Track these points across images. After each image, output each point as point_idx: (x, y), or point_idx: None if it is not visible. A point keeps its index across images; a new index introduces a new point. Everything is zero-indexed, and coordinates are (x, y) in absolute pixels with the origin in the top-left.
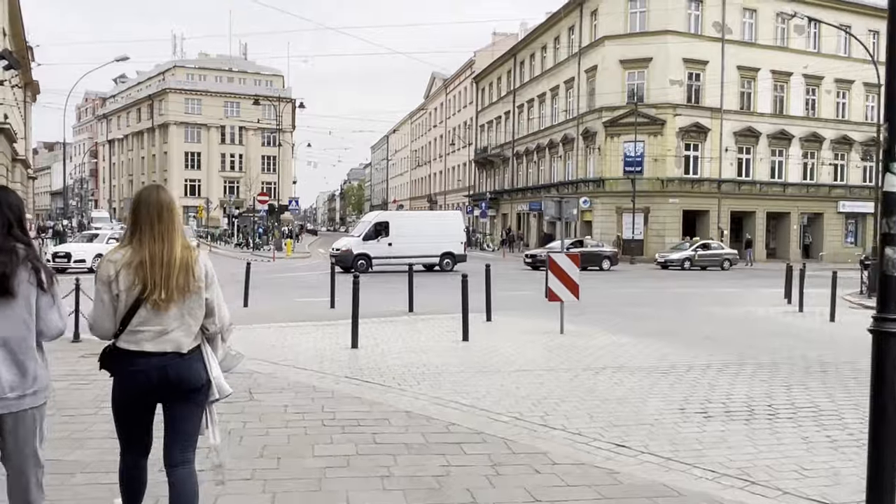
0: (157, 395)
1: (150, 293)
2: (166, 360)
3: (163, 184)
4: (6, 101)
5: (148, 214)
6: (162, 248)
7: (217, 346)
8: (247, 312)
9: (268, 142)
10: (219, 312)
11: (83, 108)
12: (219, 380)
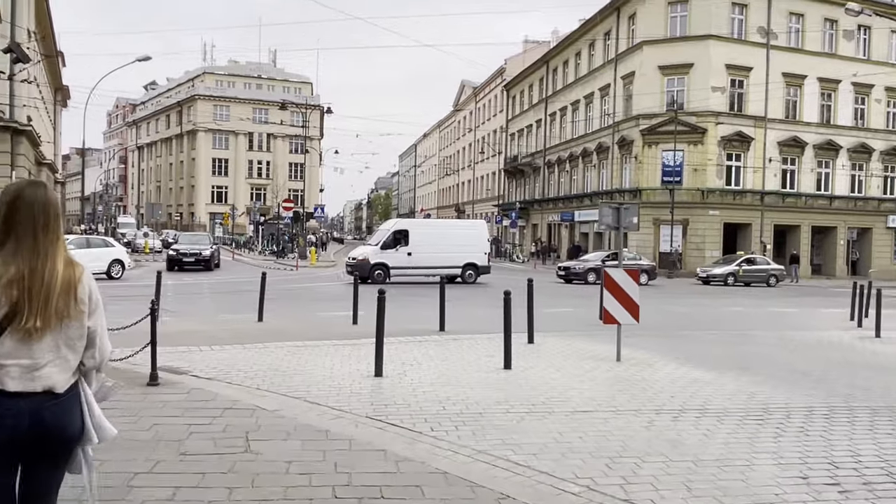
0: (22, 449)
1: (22, 319)
2: (37, 402)
3: (190, 190)
4: (29, 104)
5: (32, 219)
6: (44, 264)
7: (92, 380)
8: (260, 329)
9: (295, 149)
10: (100, 344)
11: (114, 115)
12: (99, 420)
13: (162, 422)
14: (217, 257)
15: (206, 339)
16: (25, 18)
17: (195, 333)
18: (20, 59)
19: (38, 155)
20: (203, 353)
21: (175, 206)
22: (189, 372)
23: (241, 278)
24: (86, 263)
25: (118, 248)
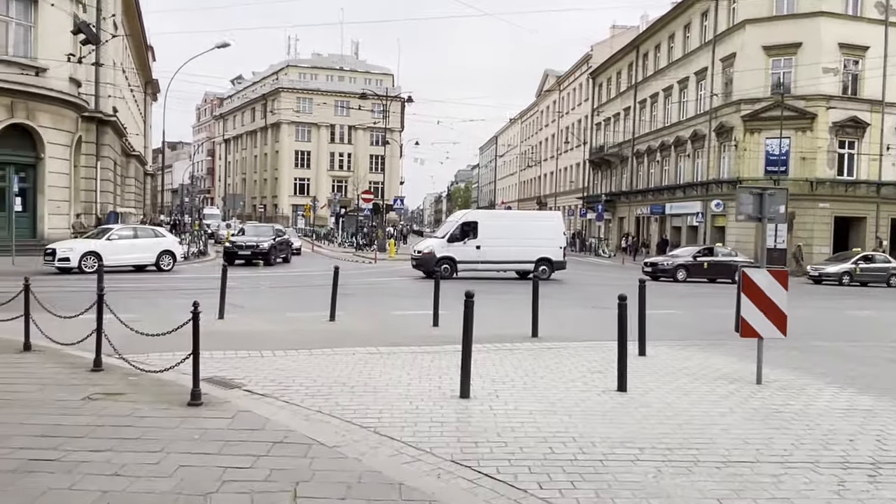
0: None
1: None
2: None
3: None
4: (115, 95)
5: None
6: None
7: None
8: (331, 330)
9: (376, 141)
10: None
11: (202, 109)
12: None
13: (191, 462)
14: (285, 250)
15: (269, 342)
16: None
17: (259, 335)
18: (90, 39)
19: (125, 146)
20: (263, 359)
21: (259, 198)
22: (242, 385)
23: (318, 271)
24: (133, 255)
25: (168, 239)
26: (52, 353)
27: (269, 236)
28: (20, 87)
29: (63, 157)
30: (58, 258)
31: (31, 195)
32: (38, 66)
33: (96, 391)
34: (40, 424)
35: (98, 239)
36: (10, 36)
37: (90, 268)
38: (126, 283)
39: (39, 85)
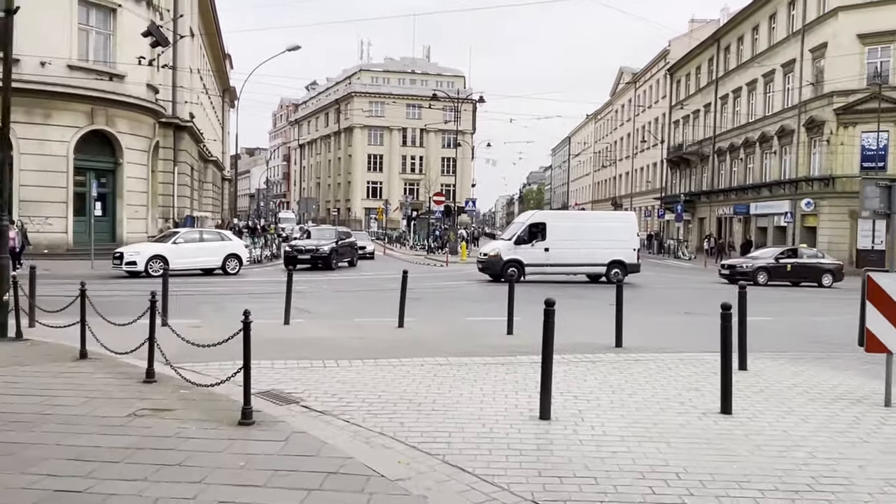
0: None
1: None
2: None
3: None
4: (190, 100)
5: None
6: None
7: None
8: (399, 337)
9: (447, 143)
10: None
11: (279, 115)
12: None
13: (232, 496)
14: (349, 254)
15: (332, 351)
16: (188, 19)
17: (323, 342)
18: (160, 42)
19: (202, 152)
20: (325, 370)
21: (333, 202)
22: (300, 400)
23: (388, 274)
24: (199, 258)
25: (235, 243)
26: (107, 361)
27: (330, 239)
28: (100, 93)
29: (141, 162)
30: (125, 262)
31: (110, 200)
32: (116, 73)
33: (143, 407)
34: (76, 446)
35: (164, 243)
36: (91, 44)
37: (156, 271)
38: (192, 287)
39: (118, 91)
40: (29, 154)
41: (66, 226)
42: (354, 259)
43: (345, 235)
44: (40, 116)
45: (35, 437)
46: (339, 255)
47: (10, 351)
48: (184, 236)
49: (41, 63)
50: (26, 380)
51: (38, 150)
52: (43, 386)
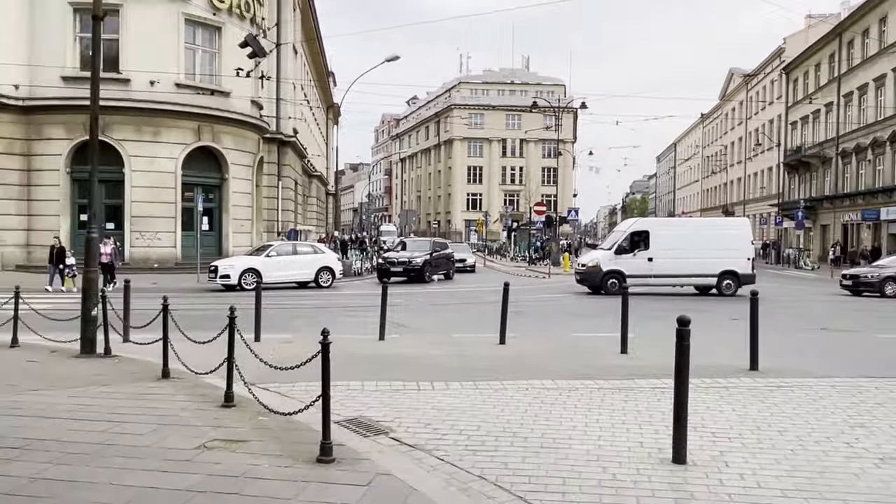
0: None
1: None
2: None
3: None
4: (294, 116)
5: None
6: None
7: None
8: (500, 356)
9: (548, 153)
10: None
11: (380, 130)
12: None
13: None
14: (444, 266)
15: (428, 370)
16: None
17: (419, 360)
18: (256, 53)
19: (306, 167)
20: (420, 393)
21: (434, 214)
22: (389, 430)
23: (487, 287)
24: (291, 271)
25: (328, 256)
26: (189, 382)
27: (424, 251)
28: (206, 110)
29: (245, 177)
30: (219, 275)
31: (216, 214)
32: (221, 90)
33: (215, 437)
34: (131, 486)
35: (258, 256)
36: (197, 62)
37: (249, 285)
38: (286, 300)
39: (223, 108)
40: (139, 171)
41: (174, 240)
42: (451, 272)
43: (440, 247)
44: (150, 134)
45: (88, 474)
46: (433, 268)
47: (94, 368)
48: (277, 249)
49: (150, 82)
50: (100, 402)
51: (147, 167)
52: (114, 410)
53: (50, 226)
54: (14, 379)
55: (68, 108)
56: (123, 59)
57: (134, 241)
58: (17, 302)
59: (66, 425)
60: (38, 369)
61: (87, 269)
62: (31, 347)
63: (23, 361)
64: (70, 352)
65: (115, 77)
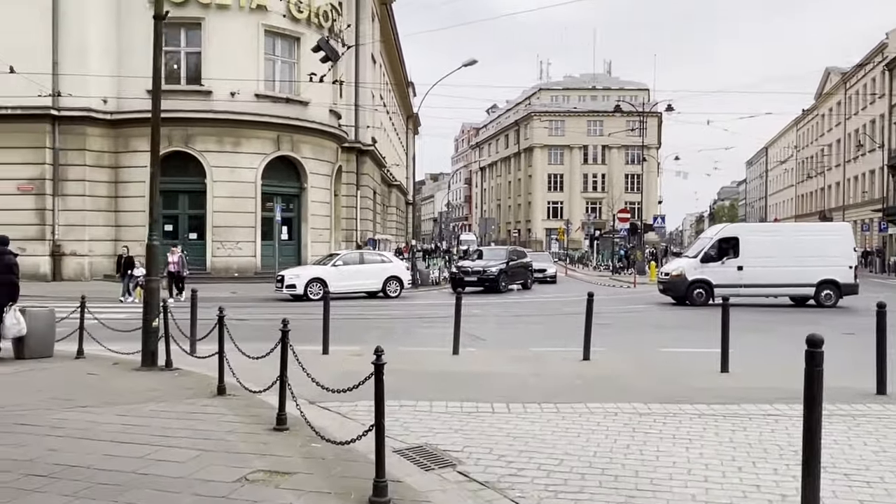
0: None
1: None
2: None
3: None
4: (372, 125)
5: None
6: None
7: None
8: (584, 373)
9: (631, 159)
10: None
11: (460, 140)
12: None
13: None
14: (521, 275)
15: (505, 388)
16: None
17: (494, 377)
18: (329, 57)
19: (385, 176)
20: (494, 416)
21: (514, 223)
22: (457, 462)
23: (568, 297)
24: (358, 281)
25: (395, 265)
26: (243, 399)
27: (500, 260)
28: (285, 120)
29: (324, 186)
30: (285, 285)
31: (295, 223)
32: (300, 99)
33: (259, 467)
34: None
35: (324, 265)
36: (276, 73)
37: (315, 295)
38: (356, 310)
39: (302, 118)
40: (221, 181)
41: (254, 250)
42: (529, 281)
43: (517, 256)
44: (230, 144)
45: None
46: (509, 277)
47: (151, 383)
48: (343, 258)
49: (231, 93)
50: (146, 422)
51: (228, 178)
52: (160, 431)
53: (136, 236)
54: (69, 393)
55: None
56: (206, 71)
57: (215, 250)
58: (82, 312)
59: (104, 449)
60: (95, 383)
61: (149, 278)
62: (96, 359)
63: (83, 374)
64: (132, 364)
65: (198, 89)
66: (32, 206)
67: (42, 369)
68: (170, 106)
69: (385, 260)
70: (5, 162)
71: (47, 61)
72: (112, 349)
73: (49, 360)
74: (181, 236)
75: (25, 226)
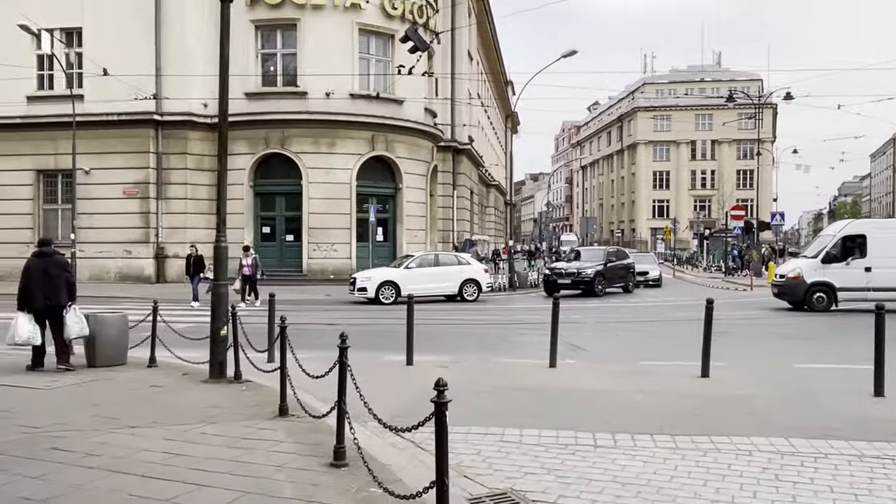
0: None
1: None
2: None
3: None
4: (469, 123)
5: None
6: None
7: None
8: (702, 393)
9: (743, 154)
10: None
11: (560, 138)
12: None
13: None
14: (621, 278)
15: (609, 414)
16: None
17: (596, 397)
18: (418, 47)
19: (483, 176)
20: (596, 452)
21: (616, 223)
22: None
23: (676, 301)
24: (432, 284)
25: (473, 267)
26: (306, 423)
27: (597, 261)
28: (380, 119)
29: (419, 186)
30: (357, 288)
31: (391, 224)
32: (395, 98)
33: None
34: None
35: (398, 268)
36: (371, 72)
37: (387, 298)
38: (440, 315)
39: (397, 117)
40: (316, 183)
41: (349, 251)
42: (630, 284)
43: (616, 257)
44: (326, 145)
45: None
46: (606, 280)
47: (213, 398)
48: (417, 261)
49: (326, 94)
50: (191, 449)
51: (324, 179)
52: (201, 464)
53: (235, 238)
54: (123, 409)
55: (250, 123)
56: (301, 72)
57: (311, 252)
58: (154, 318)
59: (132, 487)
60: (155, 397)
61: (216, 282)
62: (168, 367)
63: (146, 386)
64: (202, 375)
65: (294, 91)
66: (137, 209)
67: (107, 379)
68: (267, 108)
69: (462, 262)
70: (112, 167)
71: (150, 67)
72: (184, 358)
73: (119, 369)
74: (278, 238)
75: (130, 229)
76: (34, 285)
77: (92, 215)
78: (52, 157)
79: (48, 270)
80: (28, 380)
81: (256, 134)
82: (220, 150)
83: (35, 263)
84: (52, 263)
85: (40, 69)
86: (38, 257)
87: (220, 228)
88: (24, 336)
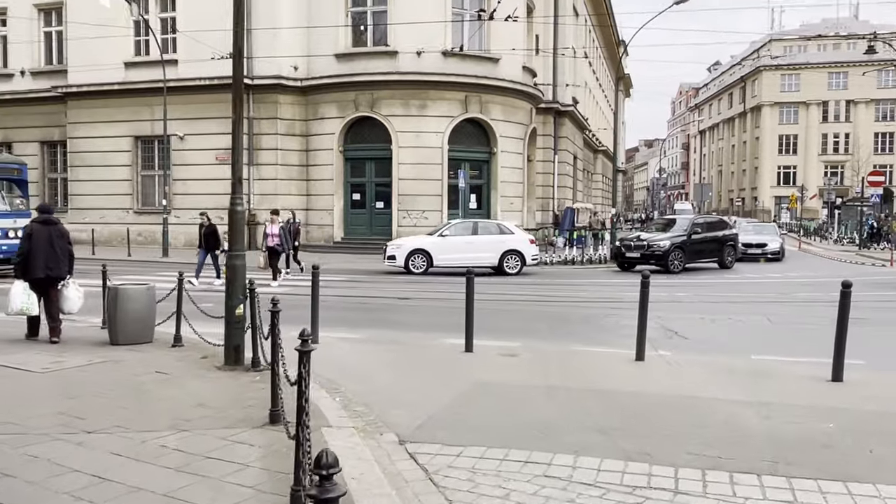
0: None
1: None
2: None
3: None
4: (574, 83)
5: None
6: None
7: None
8: (838, 408)
9: (883, 115)
10: None
11: (677, 102)
12: None
13: None
14: (714, 252)
15: (703, 435)
16: None
17: (690, 408)
18: None
19: (589, 140)
20: (677, 501)
21: (737, 191)
22: None
23: (803, 277)
24: (468, 255)
25: (516, 237)
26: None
27: (678, 232)
28: (473, 79)
29: (516, 150)
30: (386, 256)
31: (484, 191)
32: (491, 56)
33: None
34: None
35: (431, 236)
36: (465, 29)
37: (418, 268)
38: (491, 288)
39: (492, 76)
40: (406, 147)
41: (440, 219)
42: (727, 259)
43: (706, 227)
44: (416, 108)
45: None
46: (687, 255)
47: (209, 393)
48: (452, 229)
49: (417, 53)
50: (126, 473)
51: (414, 143)
52: (118, 500)
53: (325, 205)
54: (96, 406)
55: (340, 85)
56: (391, 31)
57: (401, 219)
58: (180, 293)
59: None
60: (147, 388)
61: (231, 253)
62: (194, 347)
63: (151, 371)
64: (220, 359)
65: (384, 50)
66: (228, 175)
67: (116, 361)
68: (357, 69)
69: (504, 230)
70: (203, 132)
71: None
72: (209, 340)
73: (139, 348)
74: (368, 205)
75: (222, 195)
76: (37, 253)
77: (186, 181)
78: (148, 123)
79: (52, 239)
80: (29, 359)
81: (346, 96)
82: (235, 93)
83: (39, 231)
84: (56, 232)
85: (136, 35)
86: (43, 224)
87: (236, 189)
88: (17, 306)
